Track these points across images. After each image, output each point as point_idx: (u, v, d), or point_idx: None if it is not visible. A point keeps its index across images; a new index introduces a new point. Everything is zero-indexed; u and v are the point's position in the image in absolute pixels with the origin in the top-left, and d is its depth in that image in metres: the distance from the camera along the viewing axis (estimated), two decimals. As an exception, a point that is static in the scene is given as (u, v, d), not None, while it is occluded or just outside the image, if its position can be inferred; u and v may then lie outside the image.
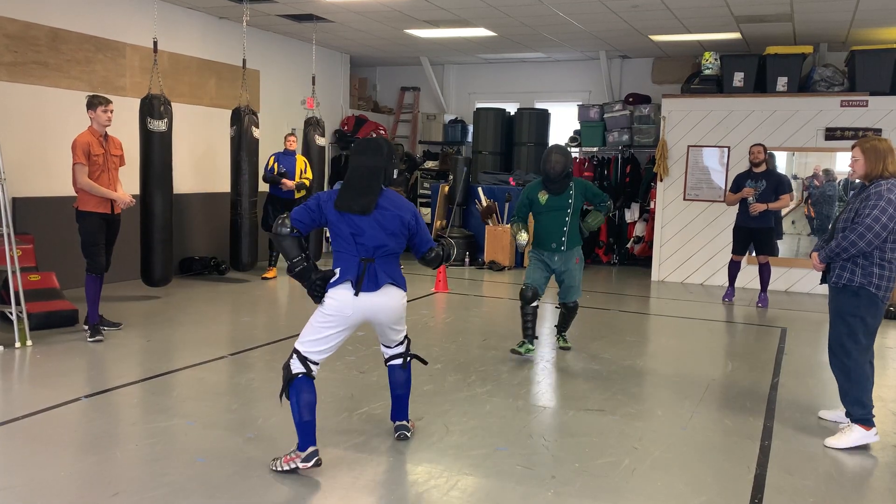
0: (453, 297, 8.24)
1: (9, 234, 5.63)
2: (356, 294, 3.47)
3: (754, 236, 7.95)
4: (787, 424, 4.37)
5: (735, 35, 9.35)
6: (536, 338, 5.87)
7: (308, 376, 3.48)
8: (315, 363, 3.53)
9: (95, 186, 5.77)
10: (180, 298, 7.58)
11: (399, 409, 3.95)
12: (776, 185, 7.76)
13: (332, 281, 3.51)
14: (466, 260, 10.65)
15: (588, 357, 5.79)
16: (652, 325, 7.44)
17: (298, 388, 3.44)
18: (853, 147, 4.13)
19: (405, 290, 3.71)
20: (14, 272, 5.66)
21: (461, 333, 6.44)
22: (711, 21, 8.65)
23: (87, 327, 5.91)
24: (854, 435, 4.02)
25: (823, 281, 4.24)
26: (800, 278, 9.16)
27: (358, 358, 5.52)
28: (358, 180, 3.53)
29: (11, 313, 5.60)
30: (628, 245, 11.24)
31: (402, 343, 3.88)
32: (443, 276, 8.54)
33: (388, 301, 3.59)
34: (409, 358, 3.90)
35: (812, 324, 7.37)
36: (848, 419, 4.12)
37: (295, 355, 3.51)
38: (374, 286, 3.52)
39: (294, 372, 3.46)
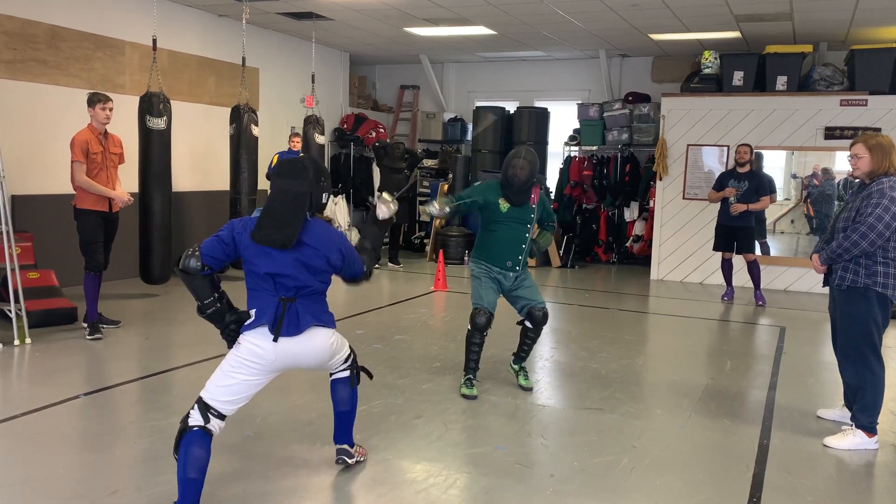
0: (452, 296, 8.24)
1: (8, 232, 5.63)
2: (275, 340, 3.02)
3: (735, 235, 8.03)
4: (786, 423, 4.38)
5: (735, 34, 9.35)
6: (478, 369, 4.84)
7: (204, 430, 2.95)
8: (219, 416, 3.01)
9: (93, 184, 5.74)
10: (179, 297, 7.57)
11: (342, 430, 3.49)
12: (758, 186, 7.84)
13: (247, 323, 3.08)
14: (466, 258, 10.65)
15: (587, 356, 5.79)
16: (651, 324, 7.45)
17: (189, 442, 2.91)
18: (855, 144, 4.01)
19: (333, 328, 3.27)
20: (13, 270, 5.66)
21: (460, 332, 6.43)
22: (711, 20, 8.65)
23: (86, 325, 5.91)
24: (856, 439, 3.99)
25: (826, 283, 4.16)
26: (798, 277, 9.16)
27: (357, 356, 5.51)
28: (280, 208, 3.04)
29: (10, 311, 5.60)
30: (627, 244, 11.24)
31: (346, 361, 3.46)
32: (442, 274, 8.54)
33: (312, 345, 3.15)
34: (356, 372, 3.49)
35: (811, 323, 7.37)
36: (852, 423, 4.08)
37: (196, 405, 3.01)
38: (295, 329, 3.07)
39: (190, 424, 2.96)
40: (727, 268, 8.36)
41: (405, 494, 3.29)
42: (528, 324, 4.83)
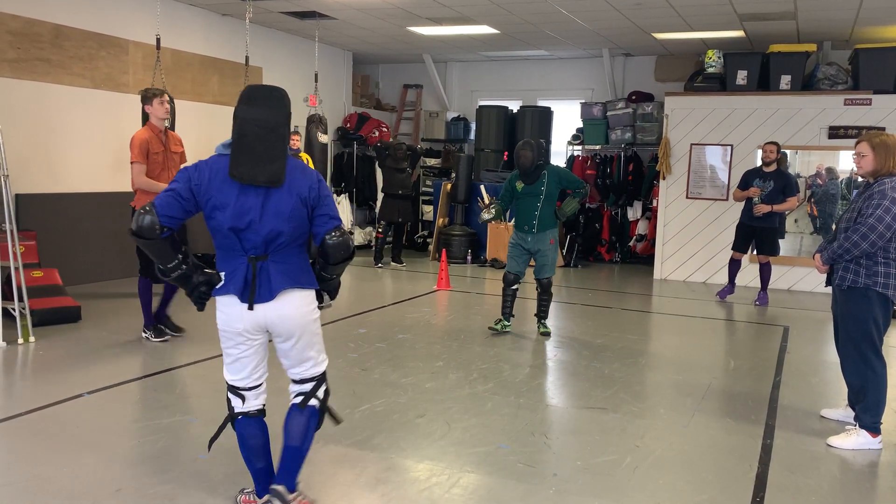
0: (455, 295, 8.24)
1: (12, 231, 5.63)
2: (250, 308, 2.72)
3: (756, 235, 7.92)
4: (790, 423, 4.37)
5: (738, 33, 9.33)
6: (513, 316, 6.43)
7: (247, 415, 2.91)
8: (250, 390, 2.90)
9: (154, 184, 5.38)
10: (182, 295, 7.57)
11: (286, 468, 2.94)
12: (784, 186, 7.68)
13: (217, 287, 2.77)
14: (468, 258, 10.65)
15: (590, 355, 5.79)
16: (654, 324, 7.44)
17: (240, 433, 2.92)
18: (859, 142, 4.00)
19: (313, 289, 2.87)
20: (17, 268, 5.66)
21: (463, 331, 6.44)
22: (715, 19, 8.63)
23: (147, 331, 5.74)
24: (859, 439, 3.98)
25: (828, 283, 4.16)
26: (802, 277, 9.15)
27: (360, 355, 5.53)
28: (256, 141, 2.66)
29: (14, 310, 5.60)
30: (631, 243, 11.23)
31: (314, 381, 2.97)
32: (445, 273, 8.54)
33: (287, 310, 2.76)
34: (320, 403, 2.98)
35: (814, 322, 7.36)
36: (856, 423, 4.08)
37: (228, 389, 2.93)
38: (268, 294, 2.73)
39: (235, 411, 2.93)
40: (734, 267, 8.28)
41: (408, 493, 3.29)
42: (538, 288, 6.31)
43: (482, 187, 10.81)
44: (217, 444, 3.08)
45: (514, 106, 12.10)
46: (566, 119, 12.03)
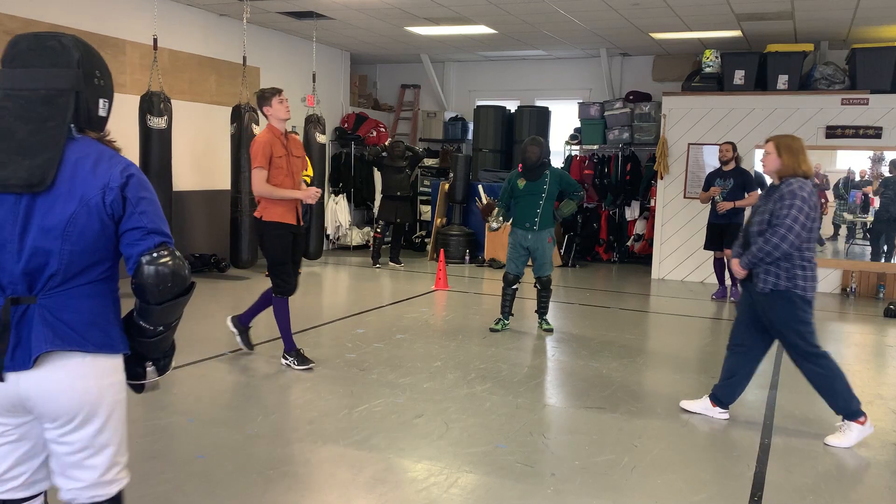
0: (453, 295, 8.24)
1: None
2: (0, 378, 1.78)
3: (723, 232, 8.09)
4: (787, 422, 4.38)
5: (736, 33, 9.34)
6: (512, 315, 6.51)
7: None
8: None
9: (277, 190, 4.89)
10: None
11: None
12: (744, 183, 7.90)
13: None
14: (466, 258, 10.65)
15: (588, 354, 5.80)
16: (652, 323, 7.44)
17: None
18: (768, 142, 4.13)
19: (110, 352, 1.86)
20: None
21: (461, 331, 6.45)
22: (712, 19, 8.64)
23: (288, 358, 5.13)
24: (853, 434, 4.00)
25: (745, 289, 4.21)
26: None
27: (358, 355, 5.53)
28: (16, 122, 1.77)
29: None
30: (628, 243, 11.24)
31: (95, 487, 1.89)
32: (443, 273, 8.54)
33: (53, 385, 1.79)
34: None
35: (812, 322, 7.36)
36: (842, 419, 4.09)
37: None
38: (24, 358, 1.77)
39: None
40: (719, 267, 8.47)
41: (406, 493, 3.29)
42: (537, 286, 6.42)
43: (480, 187, 10.83)
44: (215, 444, 3.08)
45: (512, 106, 12.10)
46: (564, 119, 12.05)
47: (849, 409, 4.01)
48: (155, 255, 1.83)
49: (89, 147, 1.82)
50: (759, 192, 8.02)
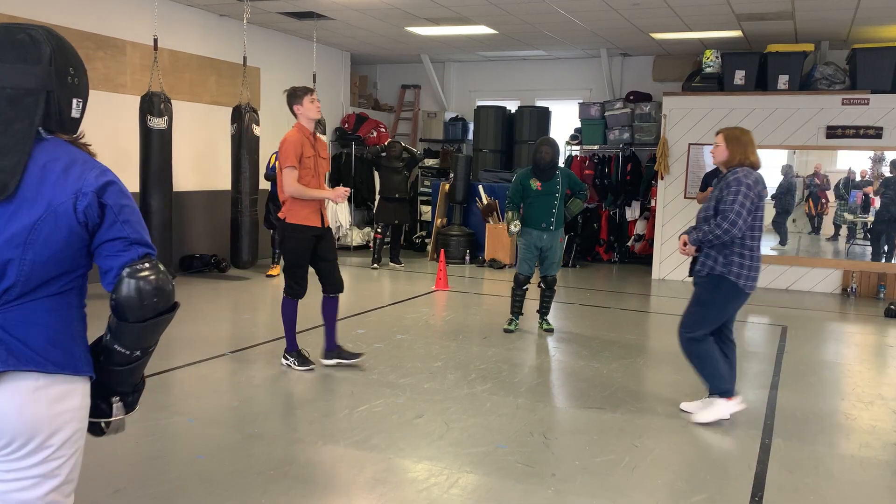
0: (453, 295, 8.24)
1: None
2: None
3: None
4: (788, 422, 4.37)
5: (736, 33, 9.34)
6: (522, 314, 6.54)
7: None
8: None
9: (307, 190, 4.86)
10: (181, 296, 7.52)
11: None
12: None
13: None
14: (467, 258, 10.65)
15: (588, 355, 5.79)
16: (652, 323, 7.44)
17: None
18: (717, 134, 4.24)
19: (72, 373, 1.68)
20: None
21: (461, 331, 6.45)
22: (713, 19, 8.64)
23: (288, 358, 5.13)
24: (718, 408, 4.21)
25: (691, 273, 4.33)
26: (800, 277, 9.16)
27: (358, 355, 5.52)
28: None
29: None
30: (629, 243, 11.23)
31: None
32: (443, 273, 8.54)
33: (4, 404, 1.59)
34: None
35: (812, 322, 7.36)
36: (709, 393, 4.29)
37: None
38: None
39: None
40: None
41: (407, 494, 3.29)
42: (542, 285, 6.47)
43: (480, 187, 10.83)
44: (215, 444, 3.08)
45: (513, 106, 12.10)
46: (564, 119, 12.04)
47: (722, 388, 4.22)
48: (138, 267, 1.69)
49: (60, 150, 1.67)
50: None
